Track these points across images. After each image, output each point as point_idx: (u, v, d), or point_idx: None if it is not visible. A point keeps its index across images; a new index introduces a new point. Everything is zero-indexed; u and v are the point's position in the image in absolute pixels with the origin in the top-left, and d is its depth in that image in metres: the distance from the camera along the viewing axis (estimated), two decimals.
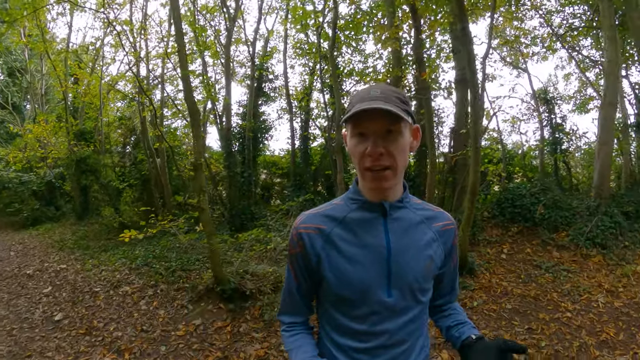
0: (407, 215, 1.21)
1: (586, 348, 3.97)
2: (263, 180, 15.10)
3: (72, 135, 13.89)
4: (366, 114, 1.04)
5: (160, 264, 7.06)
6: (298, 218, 1.27)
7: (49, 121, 14.96)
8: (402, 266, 1.15)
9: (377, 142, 1.06)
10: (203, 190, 4.96)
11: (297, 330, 1.31)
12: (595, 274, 5.87)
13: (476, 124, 5.14)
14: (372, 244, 1.15)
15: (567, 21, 13.20)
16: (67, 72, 14.48)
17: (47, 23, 14.83)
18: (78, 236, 11.37)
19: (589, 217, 7.18)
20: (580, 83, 15.72)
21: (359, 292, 1.14)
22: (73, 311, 5.56)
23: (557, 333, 4.30)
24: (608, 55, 8.05)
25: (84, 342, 4.59)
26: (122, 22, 9.83)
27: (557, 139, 12.49)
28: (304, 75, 15.22)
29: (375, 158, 1.06)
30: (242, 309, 5.00)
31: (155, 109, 11.01)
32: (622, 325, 4.42)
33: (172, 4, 5.19)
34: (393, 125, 1.07)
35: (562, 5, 12.92)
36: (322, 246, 1.18)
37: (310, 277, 1.25)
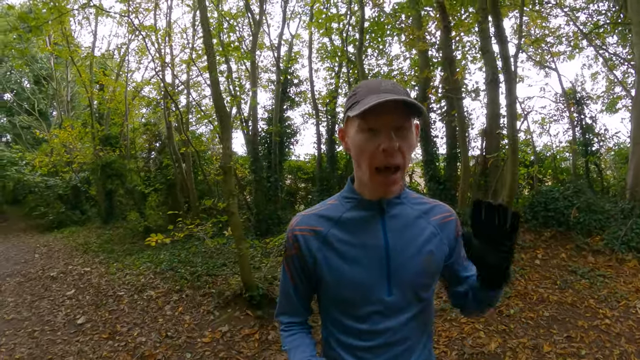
0: (405, 211, 1.19)
1: (627, 356, 3.80)
2: (288, 185, 15.07)
3: (97, 141, 14.14)
4: (380, 107, 0.99)
5: (186, 268, 7.01)
6: (293, 219, 1.25)
7: (75, 127, 15.27)
8: (402, 264, 1.13)
9: (390, 137, 1.02)
10: (232, 194, 4.87)
11: (295, 330, 1.30)
12: (632, 279, 5.63)
13: (512, 124, 4.95)
14: (370, 244, 1.14)
15: (593, 18, 12.88)
16: (92, 78, 14.77)
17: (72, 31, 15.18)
18: (103, 240, 11.49)
19: (624, 220, 6.89)
20: (608, 82, 15.30)
21: (358, 293, 1.13)
22: (96, 315, 5.55)
23: (597, 341, 4.12)
24: (638, 51, 7.71)
25: (107, 346, 4.54)
26: (147, 28, 9.91)
27: (587, 140, 12.13)
28: (329, 79, 15.20)
29: (390, 154, 1.03)
30: (271, 316, 4.86)
31: (181, 113, 11.08)
32: None
33: (200, 6, 5.14)
34: (405, 120, 1.04)
35: (587, 2, 12.61)
36: (318, 248, 1.17)
37: (306, 278, 1.24)
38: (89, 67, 15.17)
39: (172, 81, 12.71)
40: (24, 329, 5.10)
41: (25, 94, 21.44)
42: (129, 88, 14.43)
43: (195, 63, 11.03)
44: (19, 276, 7.77)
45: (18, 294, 6.61)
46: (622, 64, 13.40)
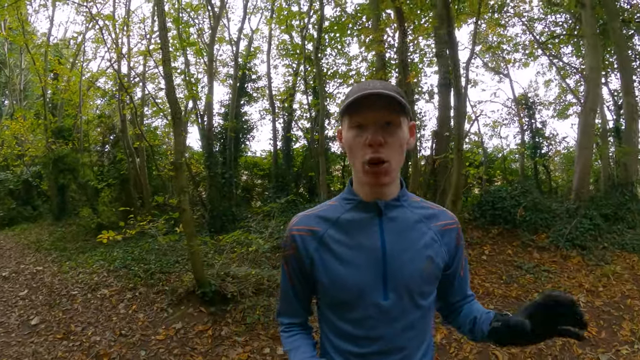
0: (404, 215, 1.17)
1: (569, 346, 4.03)
2: (244, 181, 15.02)
3: (50, 133, 13.61)
4: (366, 102, 1.03)
5: (139, 266, 6.94)
6: (292, 220, 1.25)
7: (27, 117, 14.65)
8: (399, 268, 1.11)
9: (377, 131, 1.04)
10: (184, 190, 4.88)
11: (295, 331, 1.30)
12: (576, 274, 5.95)
13: (459, 127, 5.20)
14: (366, 245, 1.12)
15: (549, 29, 13.52)
16: (46, 67, 14.22)
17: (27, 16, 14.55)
18: (55, 237, 11.15)
19: (569, 219, 7.29)
20: (561, 89, 16.08)
21: (354, 295, 1.11)
22: (50, 315, 5.44)
23: None
24: (589, 63, 8.24)
25: (62, 347, 4.48)
26: (105, 17, 9.61)
27: (537, 143, 12.74)
28: (287, 76, 15.23)
29: (375, 148, 1.04)
30: (224, 312, 4.93)
31: (136, 107, 10.85)
32: (604, 323, 4.50)
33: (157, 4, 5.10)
34: (393, 116, 1.06)
35: (545, 14, 13.21)
36: (315, 248, 1.16)
37: (304, 279, 1.23)
38: (44, 55, 14.58)
39: (128, 73, 12.42)
40: None
41: None
42: (84, 78, 13.96)
43: (151, 55, 10.81)
44: None
45: None
46: (575, 73, 14.09)
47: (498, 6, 11.28)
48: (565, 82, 14.43)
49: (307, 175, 13.99)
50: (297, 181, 14.08)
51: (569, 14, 12.01)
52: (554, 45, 13.50)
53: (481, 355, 3.97)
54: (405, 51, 7.31)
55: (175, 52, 11.78)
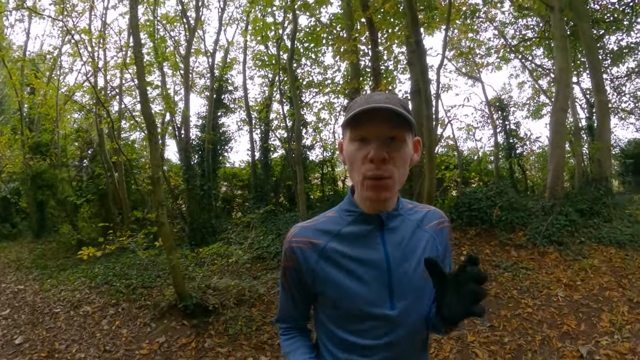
0: (403, 224, 1.17)
1: (549, 340, 4.14)
2: (224, 192, 15.02)
3: (27, 149, 13.40)
4: (369, 116, 1.01)
5: (121, 281, 6.94)
6: (290, 231, 1.23)
7: (4, 133, 14.40)
8: (403, 277, 1.11)
9: (380, 146, 1.02)
10: (162, 204, 4.93)
11: (293, 334, 1.31)
12: (554, 270, 6.05)
13: (430, 133, 5.34)
14: (371, 258, 1.11)
15: (520, 32, 13.90)
16: (23, 81, 14.00)
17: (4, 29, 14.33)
18: (35, 255, 11.00)
19: (545, 217, 7.41)
20: (534, 90, 16.50)
21: (360, 308, 1.10)
22: (33, 333, 5.42)
23: (519, 328, 4.46)
24: (559, 64, 8.46)
25: None
26: (81, 31, 9.57)
27: (511, 144, 13.05)
28: (264, 86, 15.32)
29: (377, 164, 1.02)
30: (206, 324, 4.99)
31: (113, 120, 10.79)
32: (582, 316, 4.61)
33: (131, 14, 5.16)
34: (397, 131, 1.03)
35: (516, 18, 13.56)
36: (316, 261, 1.15)
37: (303, 290, 1.22)
38: (21, 69, 14.39)
39: (105, 86, 12.34)
40: None
41: None
42: (60, 92, 13.80)
43: (127, 68, 10.78)
44: None
45: None
46: (547, 74, 14.47)
47: (470, 12, 11.55)
48: (538, 84, 14.82)
49: (286, 184, 14.08)
50: (276, 191, 14.14)
51: (539, 17, 12.36)
52: (526, 48, 13.88)
53: (461, 354, 4.08)
54: (377, 60, 7.48)
55: (151, 66, 11.77)
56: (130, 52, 11.83)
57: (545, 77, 15.01)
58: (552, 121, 8.52)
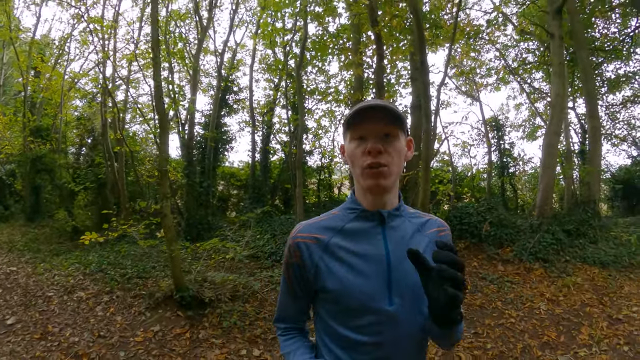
0: (404, 224, 1.22)
1: (529, 349, 4.33)
2: (220, 191, 15.12)
3: (28, 131, 13.45)
4: (367, 116, 1.12)
5: (116, 270, 7.00)
6: (295, 228, 1.27)
7: (6, 114, 14.42)
8: (402, 274, 1.14)
9: (377, 141, 1.12)
10: (167, 196, 5.07)
11: (292, 334, 1.33)
12: (538, 285, 6.25)
13: (427, 147, 5.53)
14: (371, 253, 1.15)
15: (521, 55, 14.21)
16: (29, 63, 14.04)
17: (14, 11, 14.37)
18: (28, 238, 11.00)
19: (532, 234, 7.64)
20: (530, 112, 16.82)
21: (361, 301, 1.13)
22: (26, 315, 5.45)
23: (502, 336, 4.66)
24: (555, 89, 8.69)
25: (40, 346, 4.54)
26: (94, 20, 9.62)
27: (505, 163, 13.32)
28: (268, 90, 15.49)
29: (374, 155, 1.11)
30: (201, 316, 5.12)
31: (119, 111, 10.87)
32: (563, 329, 4.81)
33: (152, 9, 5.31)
34: (390, 128, 1.14)
35: (517, 41, 13.86)
36: (320, 256, 1.18)
37: (305, 286, 1.24)
38: (28, 51, 14.43)
39: (112, 76, 12.43)
40: None
41: None
42: (66, 78, 13.86)
43: (137, 60, 10.89)
44: None
45: None
46: (544, 98, 14.77)
47: (473, 32, 11.81)
48: (534, 106, 15.12)
49: (283, 187, 14.24)
50: (273, 193, 14.31)
51: (539, 42, 12.65)
52: (525, 71, 14.18)
53: (445, 357, 4.24)
54: (381, 74, 7.69)
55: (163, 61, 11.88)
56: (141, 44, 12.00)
57: (542, 100, 15.31)
58: (545, 143, 8.73)
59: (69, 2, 9.21)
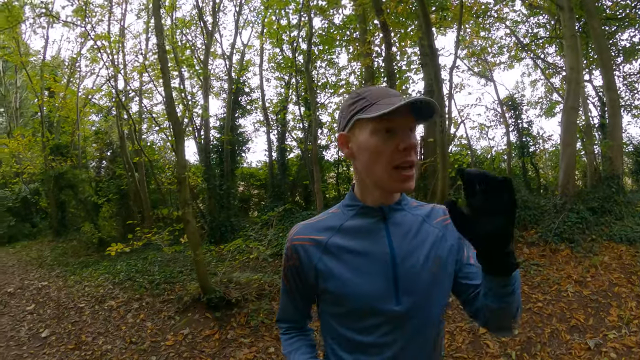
0: (407, 218, 1.15)
1: (557, 333, 4.27)
2: (241, 192, 15.27)
3: (48, 150, 13.80)
4: (398, 109, 0.98)
5: (144, 277, 7.14)
6: (292, 230, 1.21)
7: (25, 135, 14.82)
8: (409, 271, 1.08)
9: (410, 135, 1.04)
10: (188, 202, 5.14)
11: (294, 333, 1.30)
12: (564, 267, 6.12)
13: (443, 132, 5.47)
14: (374, 251, 1.09)
15: (532, 30, 13.88)
16: (42, 85, 14.37)
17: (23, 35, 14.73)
18: (57, 253, 11.28)
19: (556, 215, 7.43)
20: (546, 89, 16.44)
21: (364, 303, 1.07)
22: (59, 327, 5.60)
23: (529, 322, 4.59)
24: (569, 63, 8.45)
25: (74, 356, 4.67)
26: (100, 37, 9.82)
27: (524, 142, 13.06)
28: (280, 88, 15.58)
29: (408, 152, 1.02)
30: (229, 316, 5.20)
31: (135, 123, 11.05)
32: (591, 311, 4.71)
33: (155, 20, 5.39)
34: (415, 123, 1.07)
35: (527, 16, 13.55)
36: (319, 258, 1.12)
37: (305, 290, 1.20)
38: (40, 73, 14.78)
39: (124, 88, 12.63)
40: None
41: None
42: (79, 95, 14.16)
43: (147, 71, 11.05)
44: None
45: None
46: (559, 72, 14.41)
47: (481, 11, 11.59)
48: (550, 82, 14.78)
49: (302, 184, 14.30)
50: (292, 190, 14.41)
51: (549, 15, 12.35)
52: (538, 46, 13.86)
53: (473, 345, 4.22)
54: (391, 62, 7.62)
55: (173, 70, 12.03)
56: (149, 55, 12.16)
57: (557, 75, 14.91)
58: (564, 119, 8.51)
59: (74, 22, 9.35)
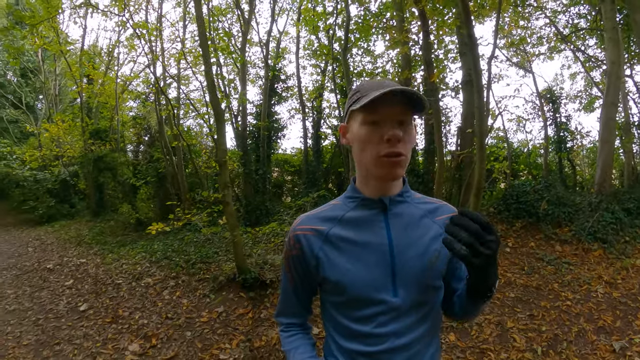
0: (408, 210, 1.17)
1: (584, 333, 4.23)
2: (274, 177, 15.41)
3: (87, 135, 14.28)
4: (383, 100, 1.03)
5: (180, 257, 7.30)
6: (296, 221, 1.25)
7: (65, 120, 15.36)
8: (407, 263, 1.11)
9: (395, 126, 1.05)
10: (227, 185, 5.25)
11: (294, 331, 1.31)
12: (596, 267, 6.04)
13: (481, 123, 5.38)
14: (373, 242, 1.12)
15: (573, 21, 13.41)
16: (82, 72, 14.82)
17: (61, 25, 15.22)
18: (95, 232, 11.67)
19: (591, 213, 7.30)
20: (586, 82, 15.88)
21: (362, 293, 1.10)
22: (97, 302, 5.83)
23: (557, 319, 4.56)
24: (610, 56, 8.18)
25: (111, 329, 4.86)
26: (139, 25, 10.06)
27: (561, 137, 12.71)
28: (316, 75, 15.60)
29: (394, 143, 1.04)
30: (262, 297, 5.31)
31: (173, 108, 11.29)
32: (620, 313, 4.65)
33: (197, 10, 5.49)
34: (406, 115, 1.07)
35: (568, 6, 13.10)
36: (320, 247, 1.16)
37: (307, 279, 1.23)
38: (79, 60, 15.24)
39: (162, 75, 12.89)
40: (27, 318, 5.33)
41: (10, 87, 21.28)
42: (118, 81, 14.55)
43: (186, 58, 11.26)
44: (15, 269, 7.96)
45: (17, 286, 6.81)
46: (600, 66, 13.91)
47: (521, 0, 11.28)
48: (590, 75, 14.28)
49: (336, 171, 14.35)
50: (326, 177, 14.48)
51: (590, 5, 11.92)
52: (578, 37, 13.38)
53: (500, 338, 4.22)
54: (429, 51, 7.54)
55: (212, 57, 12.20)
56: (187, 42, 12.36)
57: (598, 68, 14.36)
58: (603, 115, 8.27)
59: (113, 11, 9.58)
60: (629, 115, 11.43)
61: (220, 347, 4.32)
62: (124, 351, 4.33)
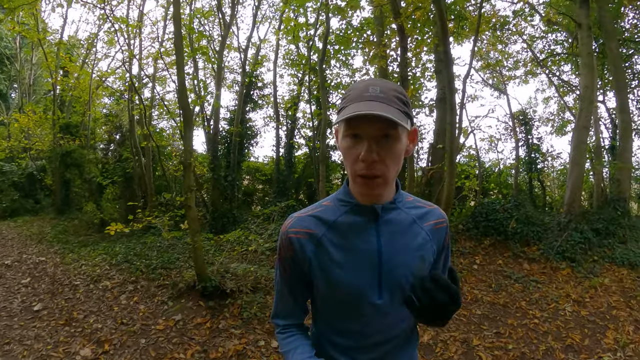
0: (399, 217, 1.17)
1: (552, 351, 4.23)
2: (245, 185, 15.27)
3: (57, 128, 13.88)
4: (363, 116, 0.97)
5: (141, 261, 7.15)
6: (287, 221, 1.23)
7: (36, 112, 14.91)
8: (393, 269, 1.13)
9: (371, 147, 0.99)
10: (191, 189, 5.13)
11: (291, 332, 1.29)
12: (564, 285, 6.12)
13: (452, 140, 5.43)
14: (363, 249, 1.13)
15: (549, 47, 13.79)
16: (58, 64, 14.45)
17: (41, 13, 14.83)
18: (57, 230, 11.36)
19: (560, 233, 7.43)
20: (559, 106, 16.33)
21: (351, 296, 1.13)
22: (52, 302, 5.62)
23: (525, 337, 4.56)
24: (583, 81, 8.38)
25: (64, 332, 4.67)
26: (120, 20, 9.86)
27: (532, 158, 12.98)
28: (292, 85, 15.53)
29: (368, 165, 1.00)
30: (222, 306, 5.17)
31: (145, 108, 11.08)
32: (588, 332, 4.69)
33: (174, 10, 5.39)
34: (390, 130, 1.00)
35: (545, 32, 13.47)
36: (312, 250, 1.16)
37: (301, 280, 1.23)
38: (56, 51, 14.87)
39: (138, 74, 12.66)
40: None
41: None
42: (93, 77, 14.23)
43: (162, 58, 11.10)
44: None
45: None
46: (573, 91, 14.30)
47: (500, 24, 11.54)
48: (563, 100, 14.67)
49: (307, 182, 14.28)
50: (297, 187, 14.38)
51: (567, 33, 12.27)
52: (554, 63, 13.76)
53: (465, 356, 4.18)
54: (405, 67, 7.59)
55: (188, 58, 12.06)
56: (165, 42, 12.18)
57: (571, 93, 14.79)
58: (574, 138, 8.45)
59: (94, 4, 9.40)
60: (600, 139, 11.76)
61: (174, 357, 4.18)
62: (74, 355, 4.15)
